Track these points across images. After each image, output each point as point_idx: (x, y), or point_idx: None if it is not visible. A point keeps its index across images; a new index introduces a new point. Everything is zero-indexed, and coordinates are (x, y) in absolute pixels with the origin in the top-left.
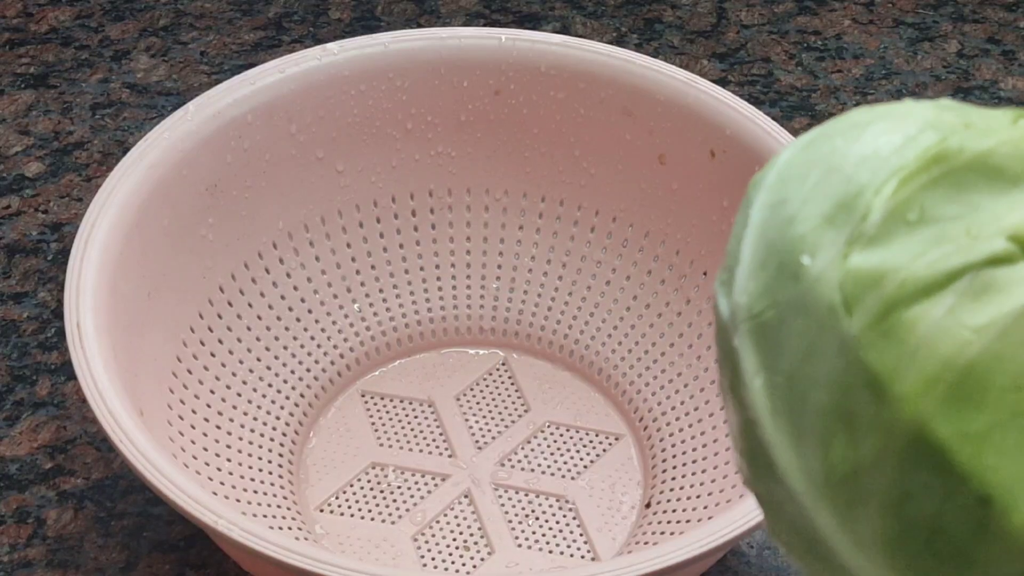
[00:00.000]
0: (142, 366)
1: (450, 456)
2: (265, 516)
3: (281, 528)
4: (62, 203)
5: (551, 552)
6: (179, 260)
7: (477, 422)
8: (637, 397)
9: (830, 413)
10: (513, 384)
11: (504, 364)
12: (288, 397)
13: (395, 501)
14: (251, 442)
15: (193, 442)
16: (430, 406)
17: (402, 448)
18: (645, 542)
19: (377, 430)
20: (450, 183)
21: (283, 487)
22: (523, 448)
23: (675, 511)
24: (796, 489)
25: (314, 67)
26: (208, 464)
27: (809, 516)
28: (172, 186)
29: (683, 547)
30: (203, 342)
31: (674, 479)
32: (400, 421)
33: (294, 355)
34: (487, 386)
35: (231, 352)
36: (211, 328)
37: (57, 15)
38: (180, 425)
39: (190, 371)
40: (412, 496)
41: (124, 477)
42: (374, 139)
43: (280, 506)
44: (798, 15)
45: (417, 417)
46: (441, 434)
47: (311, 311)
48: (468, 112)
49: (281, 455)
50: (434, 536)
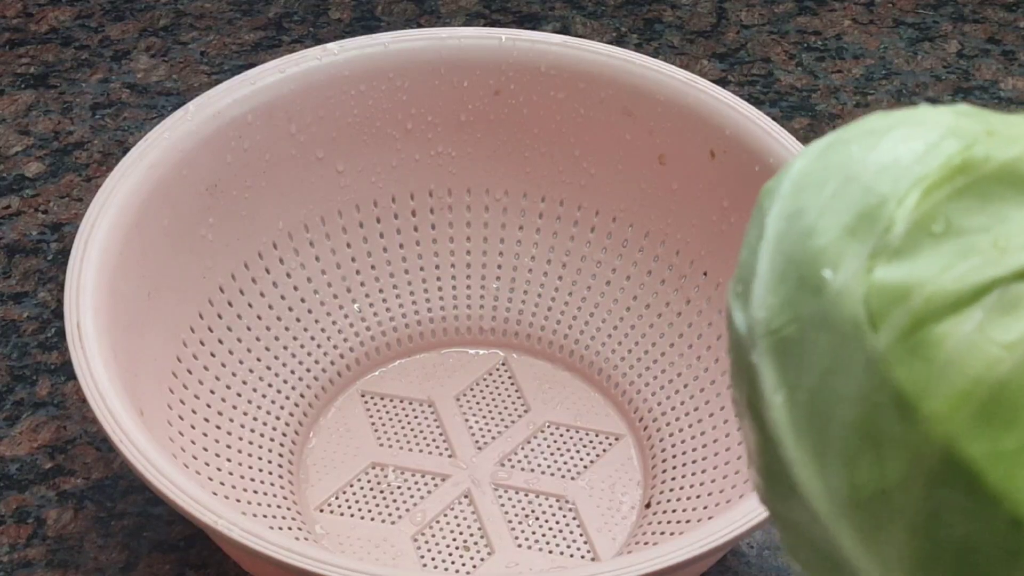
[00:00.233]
0: (142, 366)
1: (450, 456)
2: (265, 516)
3: (281, 528)
4: (62, 203)
5: (551, 552)
6: (179, 260)
7: (477, 422)
8: (637, 397)
9: (856, 431)
10: (513, 384)
11: (504, 364)
12: (288, 397)
13: (395, 501)
14: (251, 442)
15: (193, 442)
16: (430, 406)
17: (402, 448)
18: (645, 542)
19: (377, 430)
20: (450, 183)
21: (283, 487)
22: (523, 448)
23: (675, 511)
24: (818, 509)
25: (314, 67)
26: (208, 464)
27: (832, 537)
28: (172, 186)
29: (683, 547)
30: (203, 342)
31: (674, 479)
32: (400, 421)
33: (294, 355)
34: (487, 386)
35: (231, 352)
36: (211, 328)
37: (57, 15)
38: (180, 425)
39: (190, 371)
40: (412, 496)
41: (124, 477)
42: (374, 139)
43: (280, 506)
44: (798, 15)
45: (417, 417)
46: (441, 434)
47: (311, 311)
48: (468, 112)
49: (281, 455)
50: (434, 536)
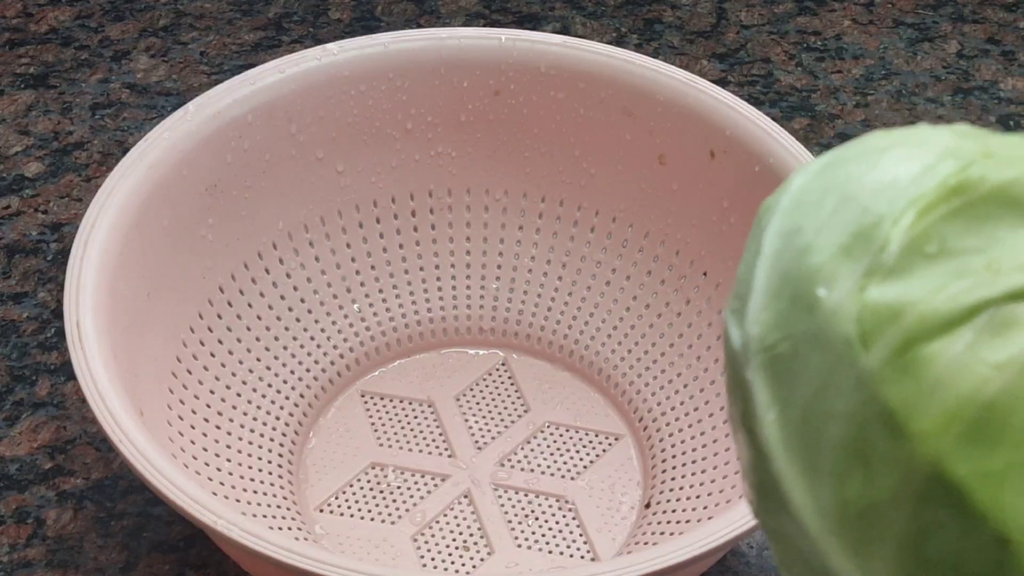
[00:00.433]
0: (142, 366)
1: (450, 456)
2: (265, 516)
3: (281, 528)
4: (62, 203)
5: (551, 552)
6: (179, 260)
7: (477, 422)
8: (637, 397)
9: (846, 449)
10: (513, 384)
11: (504, 364)
12: (288, 397)
13: (395, 501)
14: (251, 442)
15: (193, 442)
16: (430, 406)
17: (402, 448)
18: (645, 542)
19: (377, 430)
20: (450, 183)
21: (283, 487)
22: (523, 448)
23: (675, 511)
24: (809, 525)
25: (314, 67)
26: (208, 464)
27: (821, 553)
28: (172, 186)
29: (683, 547)
30: (203, 342)
31: (674, 479)
32: (400, 421)
33: (294, 355)
34: (487, 386)
35: (231, 352)
36: (211, 328)
37: (57, 15)
38: (180, 425)
39: (190, 371)
40: (412, 496)
41: (124, 477)
42: (374, 139)
43: (280, 506)
44: (798, 15)
45: (417, 417)
46: (441, 434)
47: (311, 311)
48: (468, 112)
49: (281, 455)
50: (434, 536)
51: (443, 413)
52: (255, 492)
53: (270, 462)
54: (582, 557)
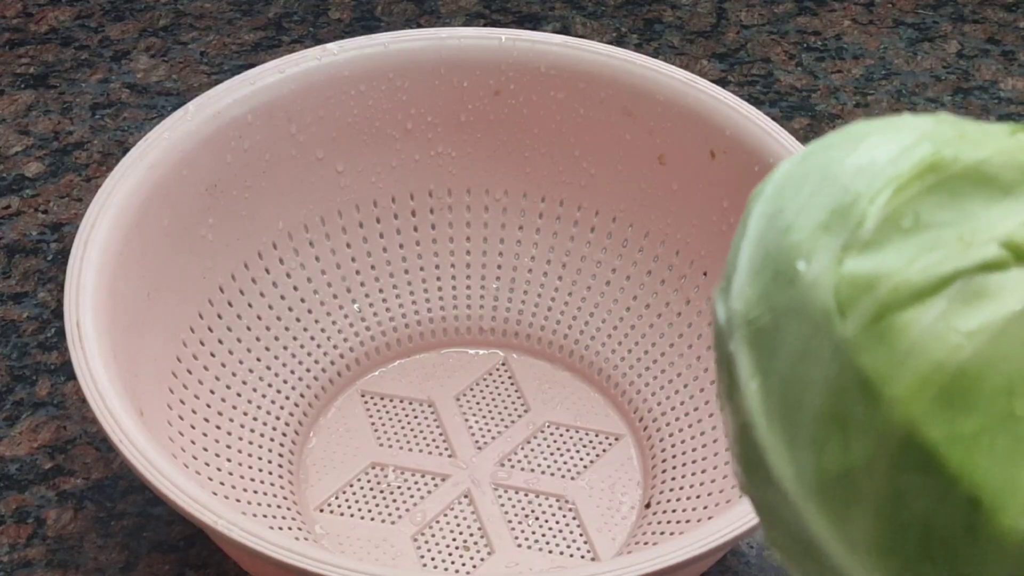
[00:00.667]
0: (142, 366)
1: (450, 456)
2: (265, 516)
3: (281, 528)
4: (62, 203)
5: (551, 552)
6: (179, 260)
7: (477, 422)
8: (637, 397)
9: (824, 416)
10: (513, 384)
11: (504, 364)
12: (288, 397)
13: (395, 501)
14: (251, 442)
15: (193, 442)
16: (430, 406)
17: (402, 448)
18: (645, 542)
19: (377, 430)
20: (450, 183)
21: (283, 487)
22: (523, 448)
23: (675, 511)
24: (790, 492)
25: (314, 67)
26: (208, 464)
27: (803, 520)
28: (172, 186)
29: (683, 547)
30: (203, 342)
31: (674, 479)
32: (400, 421)
33: (294, 355)
34: (487, 386)
35: (231, 352)
36: (211, 328)
37: (57, 15)
38: (180, 425)
39: (190, 371)
40: (412, 496)
41: (124, 477)
42: (374, 139)
43: (280, 506)
44: (798, 15)
45: (417, 417)
46: (441, 434)
47: (311, 311)
48: (468, 112)
49: (281, 455)
50: (434, 536)
51: (443, 413)
52: (255, 492)
53: (270, 462)
54: (582, 557)
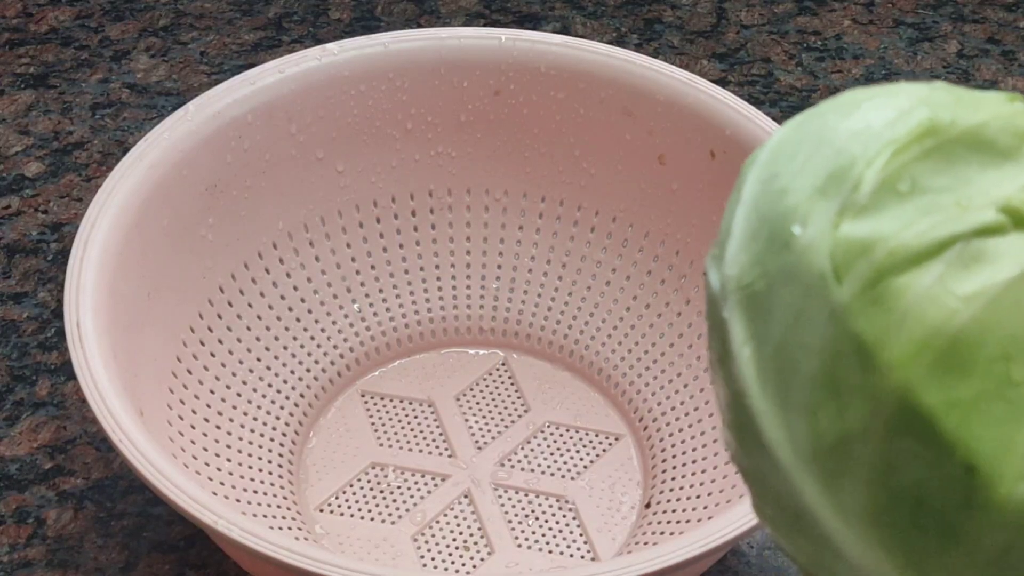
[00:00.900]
0: (142, 366)
1: (450, 456)
2: (265, 516)
3: (281, 528)
4: (62, 203)
5: (551, 552)
6: (179, 260)
7: (477, 422)
8: (637, 397)
9: (818, 381)
10: (513, 384)
11: (504, 364)
12: (288, 397)
13: (395, 501)
14: (251, 442)
15: (193, 442)
16: (430, 406)
17: (402, 448)
18: (645, 542)
19: (377, 430)
20: (450, 183)
21: (283, 487)
22: (523, 448)
23: (675, 511)
24: (783, 460)
25: (314, 67)
26: (208, 464)
27: (795, 488)
28: (172, 186)
29: (683, 547)
30: (203, 342)
31: (674, 479)
32: (400, 421)
33: (294, 355)
34: (487, 386)
35: (231, 352)
36: (211, 328)
37: (57, 15)
38: (180, 425)
39: (190, 371)
40: (412, 496)
41: (124, 477)
42: (374, 139)
43: (280, 506)
44: (798, 15)
45: (417, 417)
46: (441, 434)
47: (311, 311)
48: (468, 112)
49: (281, 455)
50: (434, 536)
51: (443, 413)
52: (255, 492)
53: (270, 462)
54: (582, 557)
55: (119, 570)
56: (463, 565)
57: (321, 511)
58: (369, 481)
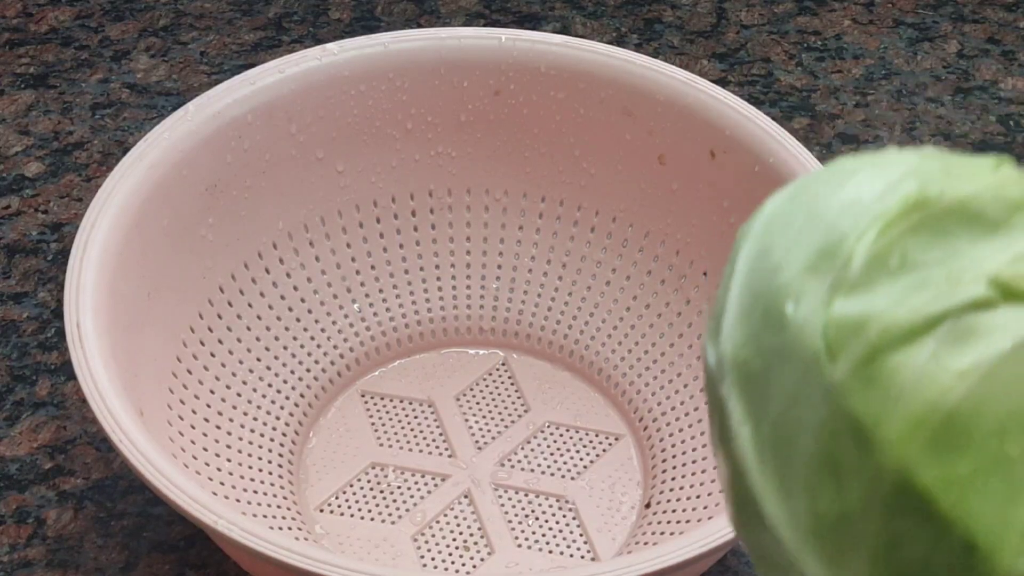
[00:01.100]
0: (142, 366)
1: (450, 456)
2: (265, 516)
3: (281, 528)
4: (62, 203)
5: (551, 552)
6: (179, 260)
7: (477, 422)
8: (637, 397)
9: (816, 461)
10: (513, 384)
11: (504, 364)
12: (288, 397)
13: (395, 501)
14: (251, 442)
15: (193, 442)
16: (430, 406)
17: (402, 448)
18: (645, 542)
19: (377, 430)
20: (450, 183)
21: (283, 487)
22: (523, 448)
23: (675, 511)
24: (784, 537)
25: (314, 67)
26: (208, 464)
27: (798, 565)
28: (172, 186)
29: (683, 547)
30: (203, 342)
31: (674, 479)
32: (400, 421)
33: (294, 355)
34: (487, 386)
35: (231, 352)
36: (211, 328)
37: (57, 15)
38: (180, 425)
39: (190, 371)
40: (412, 496)
41: (124, 477)
42: (374, 139)
43: (280, 506)
44: (798, 15)
45: (417, 417)
46: (441, 434)
47: (311, 311)
48: (468, 112)
49: (281, 455)
50: (434, 536)
51: (443, 413)
52: (255, 492)
53: (270, 462)
54: (582, 557)
55: (119, 570)
56: (463, 565)
57: (321, 511)
58: (369, 481)
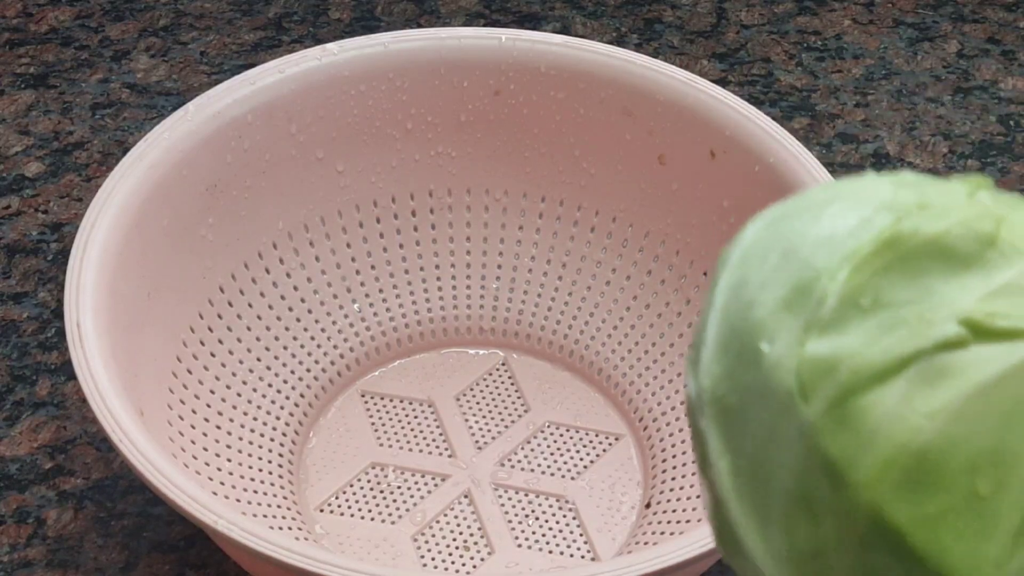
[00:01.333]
0: (142, 366)
1: (450, 456)
2: (265, 516)
3: (281, 528)
4: (62, 203)
5: (551, 552)
6: (179, 260)
7: (477, 422)
8: (637, 397)
9: (792, 497)
10: (513, 384)
11: (504, 364)
12: (288, 397)
13: (395, 501)
14: (251, 442)
15: (193, 442)
16: (430, 406)
17: (402, 448)
18: (645, 542)
19: (377, 430)
20: (450, 183)
21: (283, 487)
22: (523, 448)
23: (675, 511)
24: (763, 568)
25: (314, 67)
26: (208, 464)
27: None
28: (172, 186)
29: (683, 547)
30: (203, 342)
31: (674, 479)
32: (400, 421)
33: (294, 355)
34: (487, 386)
35: (231, 352)
36: (211, 328)
37: (57, 15)
38: (180, 425)
39: (190, 371)
40: (412, 496)
41: (124, 477)
42: (374, 139)
43: (280, 506)
44: (798, 15)
45: (417, 417)
46: (441, 434)
47: (311, 311)
48: (468, 112)
49: (281, 455)
50: (434, 536)
51: (443, 413)
52: (255, 492)
53: (270, 462)
54: (582, 557)
55: (119, 570)
56: (463, 565)
57: (321, 511)
58: (369, 481)
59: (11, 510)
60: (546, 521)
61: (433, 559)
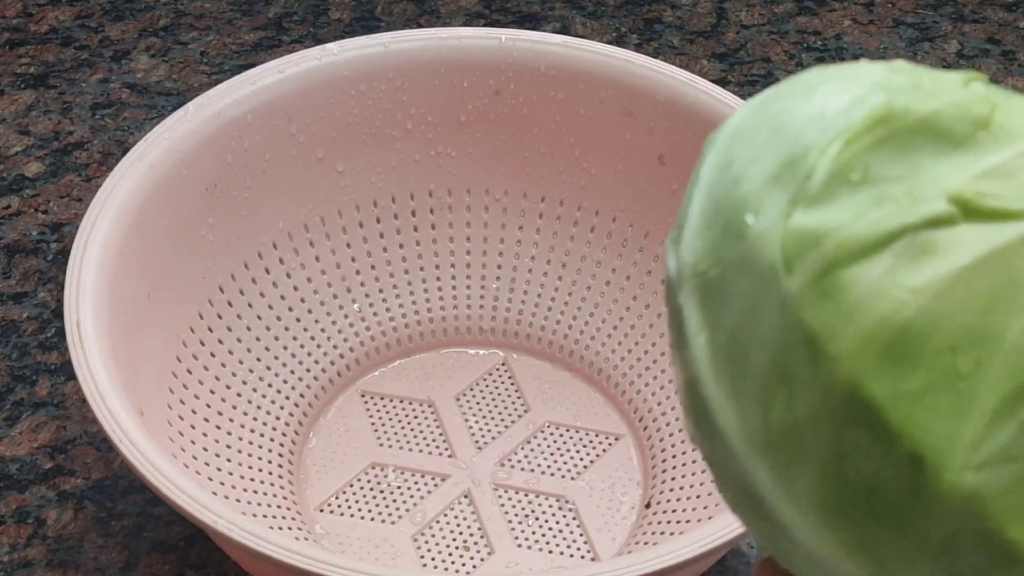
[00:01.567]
0: (142, 366)
1: (450, 456)
2: (265, 516)
3: (281, 528)
4: (62, 203)
5: (551, 552)
6: (179, 260)
7: (477, 422)
8: (637, 397)
9: (769, 372)
10: (513, 384)
11: (504, 364)
12: (288, 397)
13: (395, 501)
14: (251, 442)
15: (193, 442)
16: (430, 406)
17: (402, 448)
18: (645, 542)
19: (377, 430)
20: (450, 183)
21: (283, 487)
22: (523, 448)
23: (675, 511)
24: (736, 447)
25: (314, 67)
26: (208, 464)
27: (749, 474)
28: (172, 186)
29: (683, 547)
30: (203, 342)
31: (674, 479)
32: (400, 421)
33: (294, 355)
34: (487, 386)
35: (231, 352)
36: (211, 328)
37: (57, 15)
38: (180, 425)
39: (190, 371)
40: (412, 496)
41: (124, 477)
42: (374, 139)
43: (280, 506)
44: (798, 15)
45: (417, 417)
46: (441, 434)
47: (311, 311)
48: (468, 112)
49: (281, 455)
50: (434, 536)
51: (443, 413)
52: (255, 492)
53: (270, 462)
54: (582, 557)
55: (119, 570)
56: (463, 565)
57: (321, 511)
58: (369, 481)
59: (11, 510)
60: (546, 521)
61: (433, 559)
